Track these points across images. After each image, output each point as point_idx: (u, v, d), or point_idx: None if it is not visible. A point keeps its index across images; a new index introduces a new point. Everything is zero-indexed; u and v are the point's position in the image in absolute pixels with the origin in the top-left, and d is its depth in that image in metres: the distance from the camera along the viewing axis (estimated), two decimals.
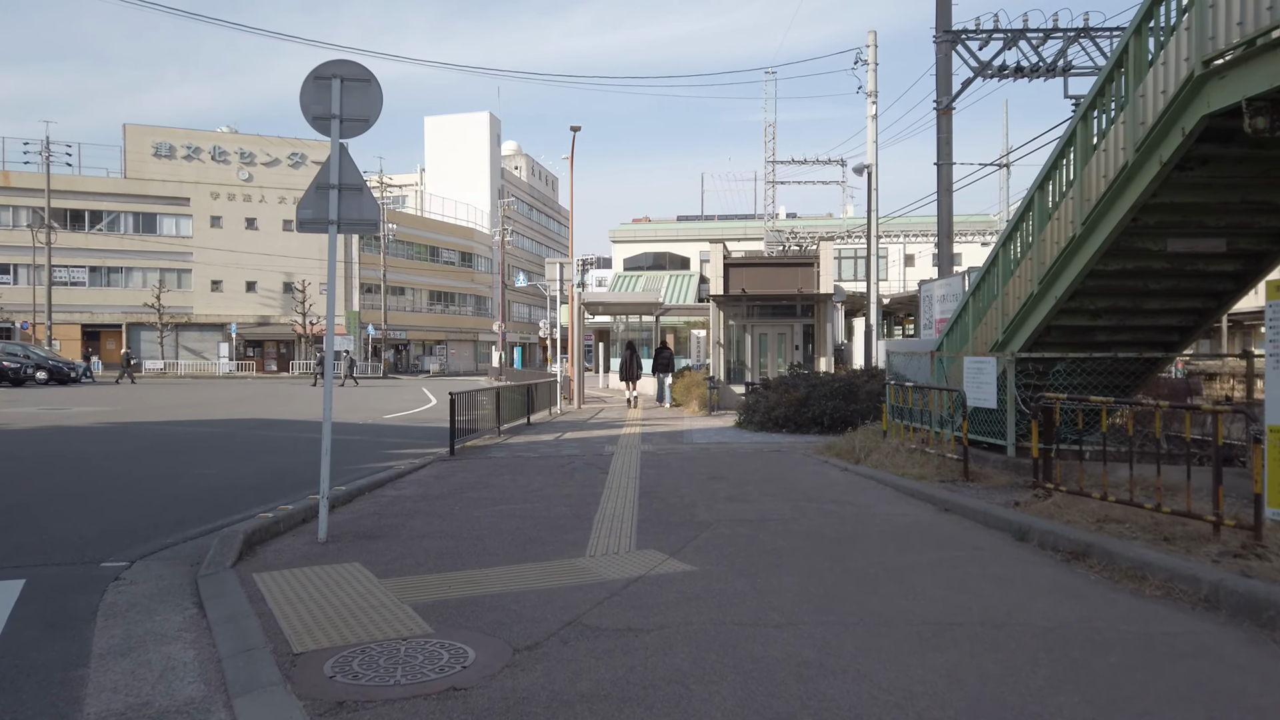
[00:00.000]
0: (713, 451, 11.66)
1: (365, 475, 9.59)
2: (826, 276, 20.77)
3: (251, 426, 16.88)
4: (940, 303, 16.80)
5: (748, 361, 21.08)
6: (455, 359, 67.14)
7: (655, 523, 6.92)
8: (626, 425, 16.38)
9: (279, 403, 24.80)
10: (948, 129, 17.22)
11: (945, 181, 17.18)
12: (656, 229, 59.85)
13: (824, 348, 20.41)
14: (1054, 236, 8.25)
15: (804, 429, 13.73)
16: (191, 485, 9.33)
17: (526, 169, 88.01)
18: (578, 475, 9.66)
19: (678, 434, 14.42)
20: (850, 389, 13.53)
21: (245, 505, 7.99)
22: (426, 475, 9.74)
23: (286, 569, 5.53)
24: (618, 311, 28.65)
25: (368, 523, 7.04)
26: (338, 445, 14.32)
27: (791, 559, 5.72)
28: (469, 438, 12.70)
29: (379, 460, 11.47)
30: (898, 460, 9.25)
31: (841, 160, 43.99)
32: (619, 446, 12.44)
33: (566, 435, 14.49)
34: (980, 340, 9.88)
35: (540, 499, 8.09)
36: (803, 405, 13.76)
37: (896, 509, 7.50)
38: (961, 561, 5.67)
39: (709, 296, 20.59)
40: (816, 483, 8.89)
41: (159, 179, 53.92)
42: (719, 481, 9.04)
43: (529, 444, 13.12)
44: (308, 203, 6.50)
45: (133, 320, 52.86)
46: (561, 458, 11.27)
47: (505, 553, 5.94)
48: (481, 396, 13.57)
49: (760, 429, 14.33)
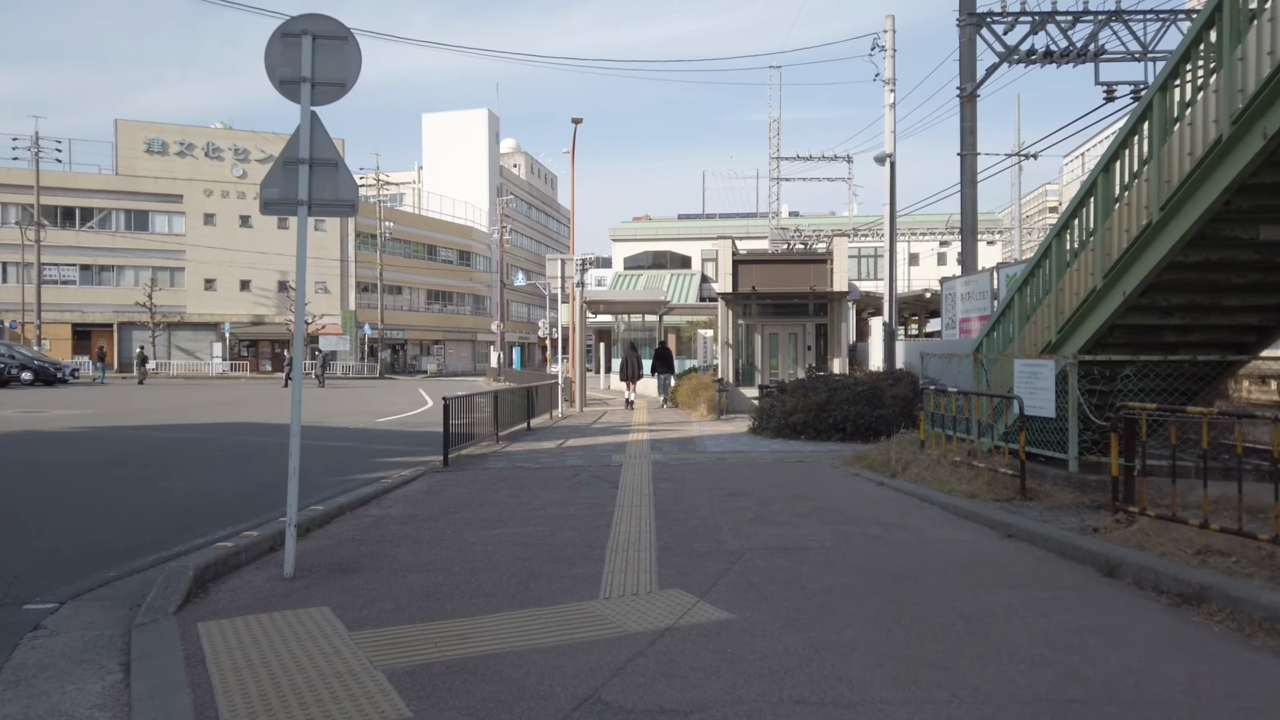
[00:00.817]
0: (730, 462, 10.72)
1: (349, 490, 8.65)
2: (840, 273, 19.83)
3: (237, 431, 15.94)
4: (964, 301, 15.88)
5: (757, 363, 20.14)
6: (453, 359, 66.17)
7: (677, 552, 5.99)
8: (633, 431, 15.44)
9: (269, 405, 23.85)
10: (972, 117, 16.29)
11: (970, 173, 16.24)
12: (658, 227, 58.88)
13: (838, 348, 19.47)
14: (1123, 224, 7.32)
15: (824, 436, 12.80)
16: (157, 501, 8.39)
17: (525, 167, 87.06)
18: (584, 490, 8.72)
19: (689, 441, 13.48)
20: (874, 393, 12.59)
21: (211, 526, 7.07)
22: (416, 490, 8.79)
23: (240, 616, 4.59)
24: (620, 310, 27.71)
25: (345, 551, 6.10)
26: (323, 453, 13.38)
27: (845, 602, 4.79)
28: (465, 445, 11.76)
29: (366, 471, 10.53)
30: (941, 474, 8.32)
31: (848, 156, 43.10)
32: (627, 456, 11.50)
33: (570, 442, 13.55)
34: (1029, 341, 8.95)
35: (543, 520, 7.15)
36: (823, 410, 12.83)
37: (951, 534, 6.57)
38: (1049, 606, 4.74)
39: (716, 295, 19.65)
40: (853, 501, 7.95)
41: (151, 176, 52.93)
42: (743, 499, 8.10)
43: (529, 452, 12.18)
44: (273, 180, 5.56)
45: (124, 320, 51.87)
46: (565, 469, 10.33)
47: (504, 593, 5.01)
48: (478, 400, 12.64)
49: (776, 435, 13.40)
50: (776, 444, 12.63)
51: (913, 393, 12.62)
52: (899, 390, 12.56)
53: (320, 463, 11.46)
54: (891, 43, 17.78)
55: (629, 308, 27.31)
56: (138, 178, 52.67)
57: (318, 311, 54.14)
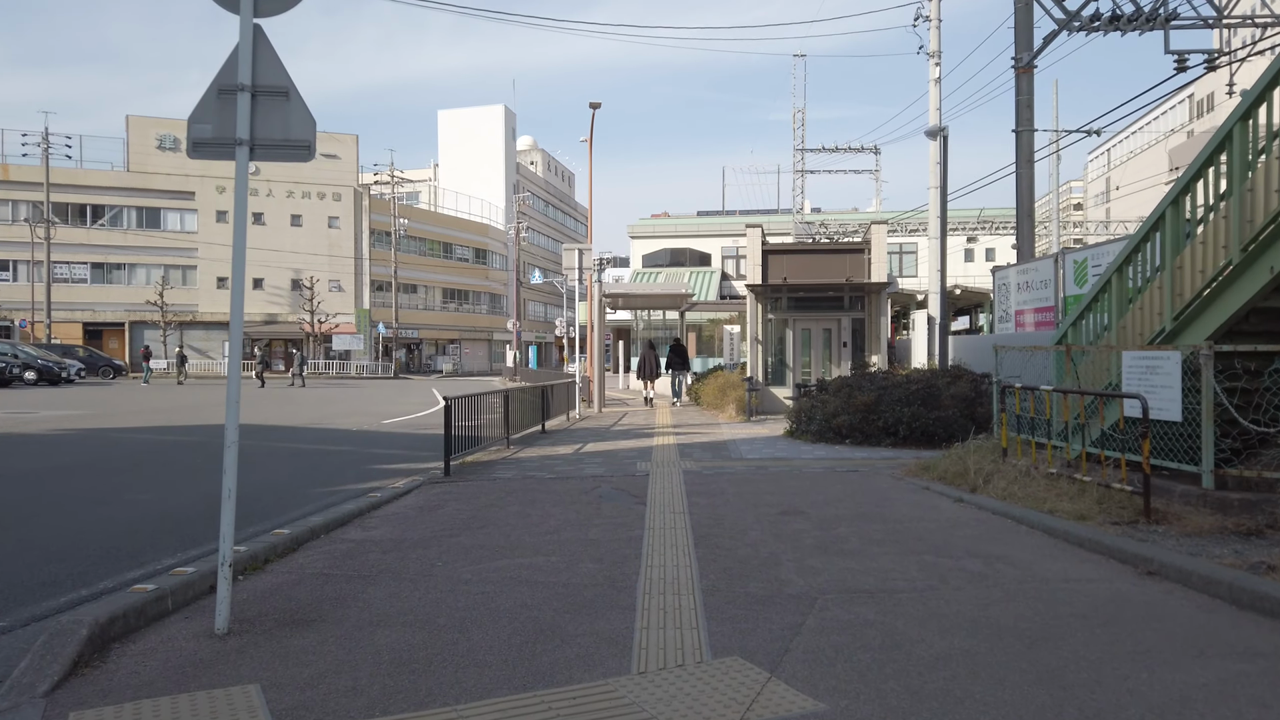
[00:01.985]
0: (772, 471, 9.36)
1: (330, 505, 7.38)
2: (879, 263, 18.43)
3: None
4: (1021, 291, 14.44)
5: (788, 360, 18.75)
6: (469, 359, 65.10)
7: (729, 595, 4.66)
8: (658, 434, 14.11)
9: (274, 405, 22.71)
10: (1028, 90, 14.84)
11: (1026, 151, 14.79)
12: (676, 224, 57.42)
13: (876, 345, 18.06)
14: (1273, 181, 5.90)
15: (873, 441, 11.41)
16: (109, 517, 7.15)
17: (542, 164, 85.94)
18: (606, 506, 7.40)
19: (720, 445, 12.14)
20: (930, 392, 11.20)
21: (162, 551, 5.85)
22: (409, 506, 7.50)
23: (133, 700, 3.30)
24: (640, 306, 26.35)
25: (306, 592, 4.81)
26: (315, 459, 12.16)
27: (974, 683, 3.44)
28: (471, 451, 10.48)
29: (360, 480, 9.26)
30: (1034, 489, 6.93)
31: (875, 147, 41.61)
32: (654, 463, 10.17)
33: (588, 447, 12.23)
34: (1132, 330, 7.55)
35: (557, 547, 5.84)
36: (871, 412, 11.45)
37: (1073, 570, 5.19)
38: (1264, 689, 3.37)
39: (745, 287, 18.29)
40: (932, 523, 6.58)
41: (163, 172, 52.15)
42: (798, 519, 6.75)
43: (543, 459, 10.88)
44: (205, 114, 4.28)
45: (135, 319, 51.13)
46: (584, 479, 9.01)
47: (501, 660, 3.70)
48: (486, 401, 11.34)
49: (818, 440, 12.03)
50: (820, 449, 11.26)
51: (974, 392, 11.22)
52: (958, 389, 11.16)
53: (310, 470, 10.22)
54: (936, 11, 16.36)
55: (649, 302, 25.95)
56: (149, 174, 51.90)
57: (331, 310, 53.21)
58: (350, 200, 55.51)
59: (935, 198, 16.51)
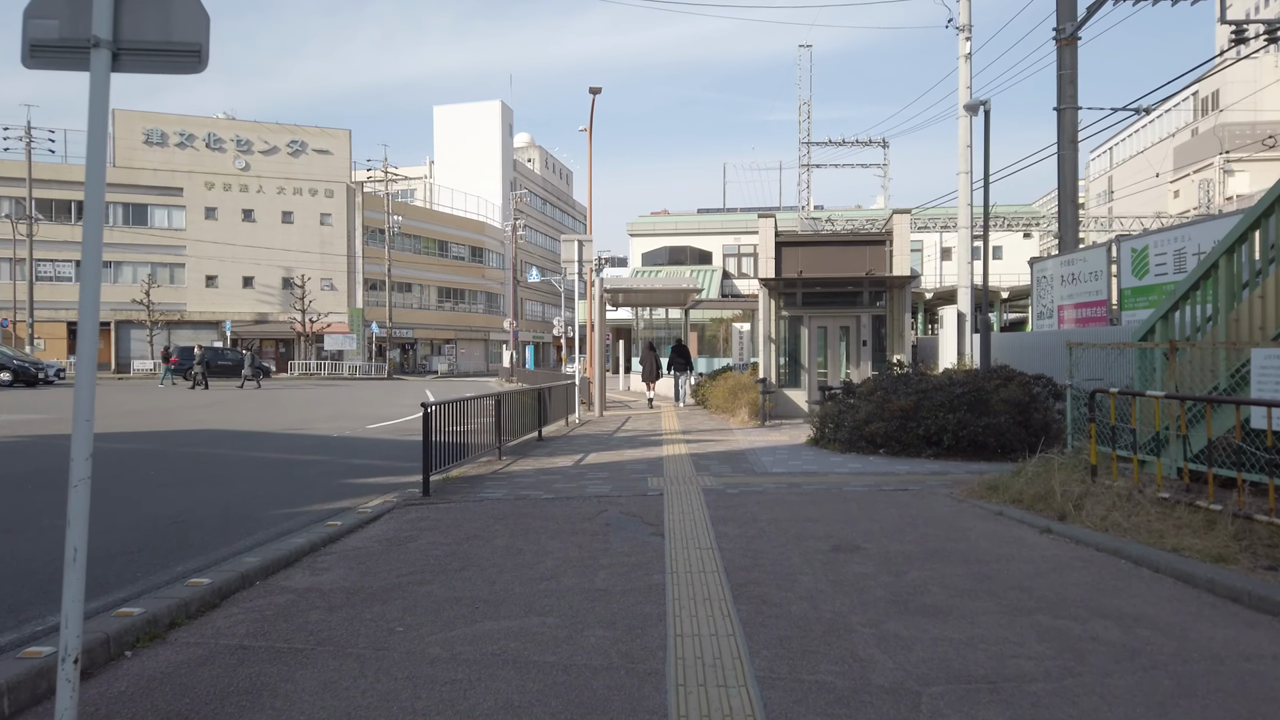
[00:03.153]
0: (807, 490, 8.04)
1: (282, 535, 6.06)
2: (902, 256, 17.13)
3: (195, 441, 13.43)
4: (1065, 285, 13.15)
5: (803, 360, 17.46)
6: (465, 359, 63.77)
7: (795, 689, 3.35)
8: (666, 442, 12.81)
9: (256, 409, 21.39)
10: (1072, 64, 13.55)
11: (1069, 130, 13.51)
12: (677, 222, 56.12)
13: (899, 343, 16.76)
14: None
15: (911, 451, 10.11)
16: (6, 553, 5.83)
17: (540, 161, 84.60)
18: (616, 538, 6.09)
19: (738, 456, 10.84)
20: (978, 396, 9.88)
21: (49, 604, 4.53)
22: (375, 538, 6.18)
23: None
24: (642, 302, 25.03)
25: (206, 680, 3.49)
26: (284, 471, 10.82)
27: None
28: (456, 464, 9.16)
29: (328, 499, 7.95)
30: (1144, 518, 5.63)
31: (883, 140, 40.34)
32: (667, 479, 8.86)
33: (590, 458, 10.92)
34: (1247, 323, 6.26)
35: (556, 602, 4.53)
36: (909, 418, 10.14)
37: (1244, 639, 3.89)
38: None
39: (760, 280, 16.98)
40: (1025, 563, 5.26)
41: (150, 168, 50.74)
42: (854, 557, 5.44)
43: (540, 473, 9.57)
44: (51, 5, 2.96)
45: (122, 318, 49.71)
46: (587, 500, 7.70)
47: None
48: (475, 405, 10.02)
49: (848, 449, 10.72)
50: (853, 461, 9.95)
51: (1026, 396, 9.91)
52: (1009, 393, 9.84)
53: (273, 486, 8.91)
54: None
55: (652, 299, 24.63)
56: (136, 170, 50.47)
57: (323, 309, 51.83)
58: (343, 196, 54.16)
59: (965, 184, 15.22)
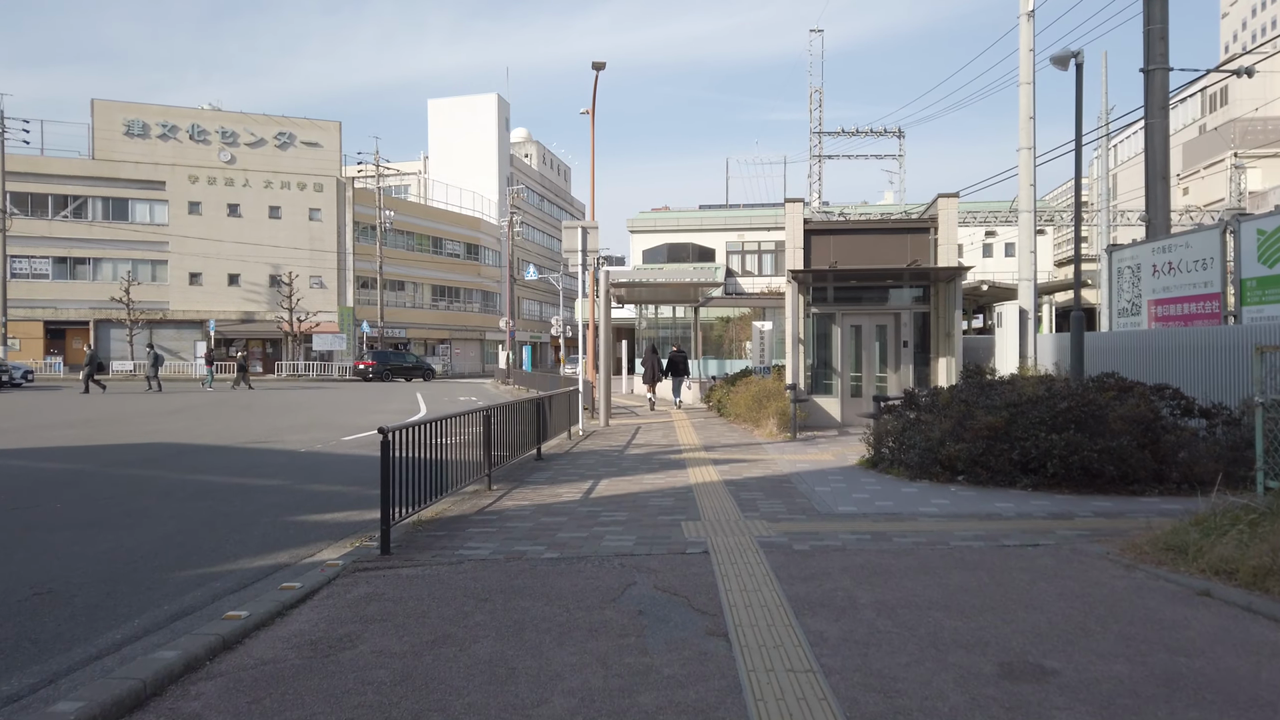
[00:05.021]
0: (902, 545, 5.99)
1: (173, 615, 4.04)
2: (949, 245, 15.14)
3: (136, 460, 11.39)
4: (1160, 275, 11.14)
5: (835, 363, 15.46)
6: (460, 359, 61.69)
7: None
8: (689, 460, 10.79)
9: (224, 416, 19.34)
10: (1162, 16, 11.55)
11: (1159, 94, 11.51)
12: (678, 218, 54.09)
13: (947, 344, 14.76)
14: None
15: (1001, 479, 8.11)
16: None
17: (538, 157, 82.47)
18: (656, 647, 4.06)
19: (782, 483, 8.82)
20: (1090, 412, 7.87)
21: None
22: (293, 641, 4.14)
23: None
24: (648, 299, 22.98)
25: None
26: (228, 500, 8.68)
27: None
28: (431, 501, 7.10)
29: (259, 551, 5.93)
30: None
31: (898, 130, 38.36)
32: (706, 524, 6.82)
33: (602, 487, 8.89)
34: None
35: None
36: (998, 438, 8.13)
37: None
38: None
39: (789, 272, 14.97)
40: None
41: (131, 160, 48.58)
42: (1050, 695, 3.42)
43: (538, 512, 7.54)
44: None
45: (101, 317, 47.61)
46: (605, 564, 5.64)
47: None
48: (456, 424, 7.96)
49: (918, 475, 8.71)
50: (932, 494, 7.93)
51: (1151, 412, 7.90)
52: (1128, 408, 7.82)
53: (201, 527, 6.89)
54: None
55: (660, 294, 22.58)
56: (116, 163, 48.33)
57: (312, 308, 49.73)
58: (333, 191, 52.05)
59: (1028, 161, 13.20)
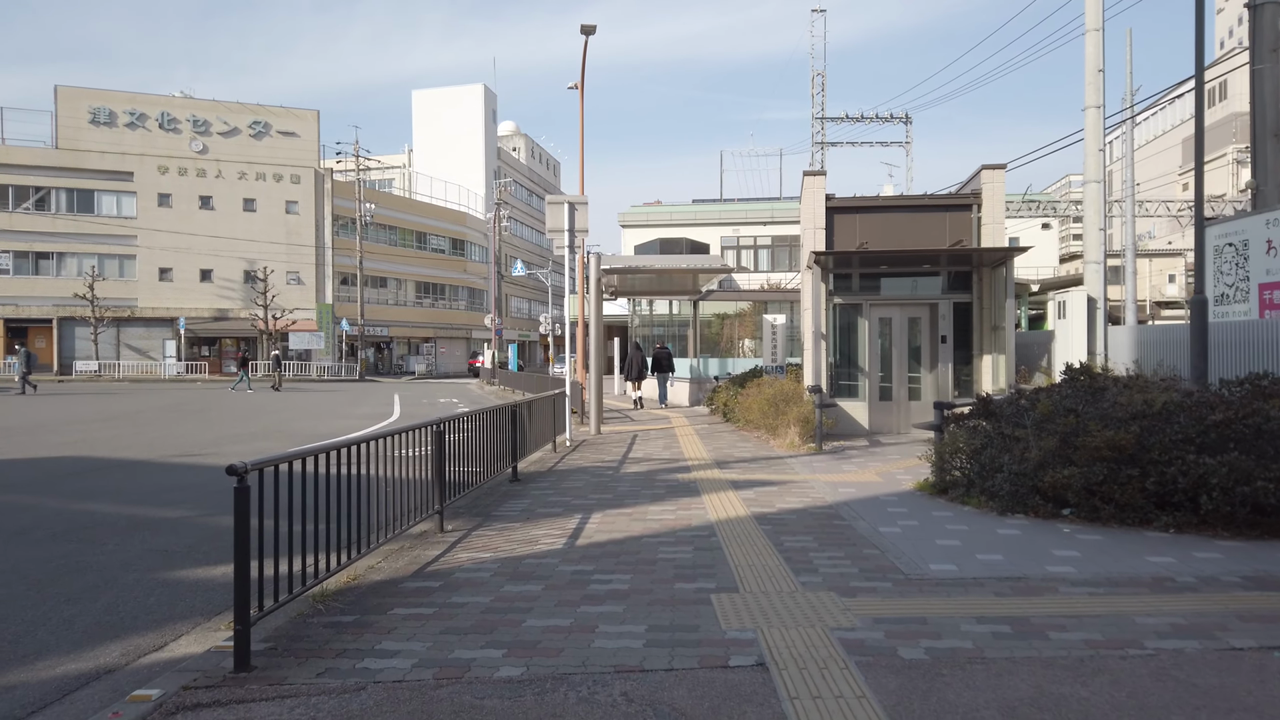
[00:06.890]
0: (1069, 647, 3.90)
1: None
2: (995, 225, 13.07)
3: (21, 482, 9.18)
4: (1275, 254, 9.08)
5: (861, 361, 13.39)
6: (445, 358, 59.41)
7: None
8: (700, 482, 8.67)
9: (168, 422, 17.13)
10: None
11: (1268, 33, 9.46)
12: (671, 212, 52.03)
13: (994, 339, 12.69)
14: None
15: (1130, 515, 6.03)
16: None
17: (526, 151, 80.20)
18: None
19: (833, 520, 6.71)
20: (1257, 425, 5.81)
21: None
22: None
23: None
24: (644, 289, 20.86)
25: None
26: (100, 539, 6.44)
27: None
28: (348, 559, 4.94)
29: (91, 640, 3.75)
30: None
31: (905, 116, 36.32)
32: (748, 599, 4.71)
33: (592, 527, 6.75)
34: None
35: None
36: (1123, 461, 6.05)
37: None
38: None
39: (812, 254, 12.88)
40: None
41: (97, 150, 46.13)
42: None
43: (500, 574, 5.40)
44: None
45: (65, 314, 45.20)
46: (595, 691, 3.51)
47: None
48: (399, 445, 5.79)
49: (1010, 509, 6.61)
50: (1045, 539, 5.84)
51: None
52: None
53: (45, 582, 4.78)
54: None
55: (658, 283, 20.44)
56: (81, 152, 45.88)
57: (289, 305, 47.39)
58: (311, 183, 49.70)
59: (1096, 121, 11.13)
